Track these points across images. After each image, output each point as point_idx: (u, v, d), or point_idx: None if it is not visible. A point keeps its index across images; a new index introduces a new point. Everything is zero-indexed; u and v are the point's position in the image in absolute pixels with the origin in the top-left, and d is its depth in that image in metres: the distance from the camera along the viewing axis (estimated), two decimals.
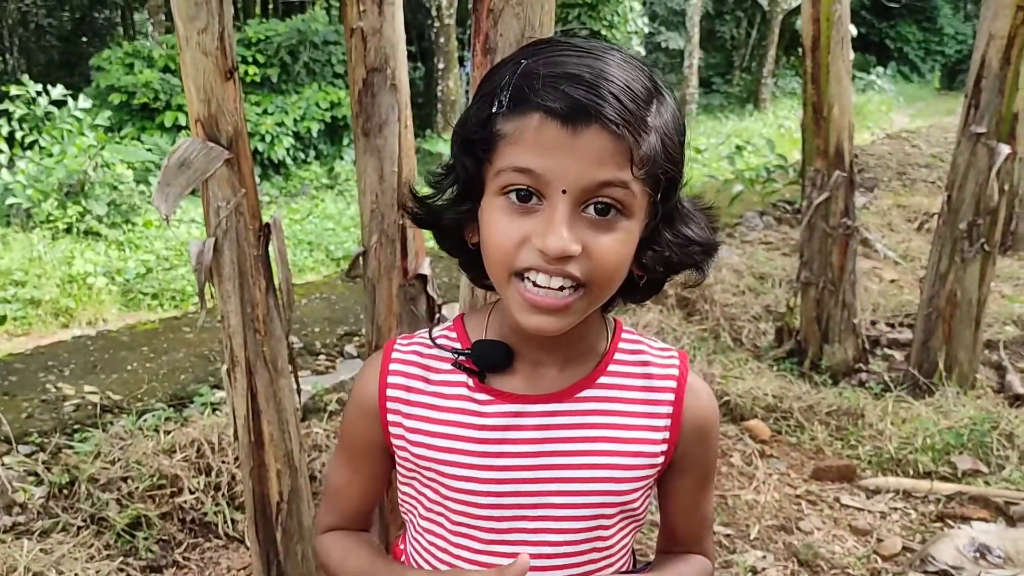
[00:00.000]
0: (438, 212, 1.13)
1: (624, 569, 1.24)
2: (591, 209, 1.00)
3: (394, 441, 1.19)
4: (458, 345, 1.19)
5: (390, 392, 1.19)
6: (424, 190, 1.17)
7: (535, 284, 1.01)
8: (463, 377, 1.17)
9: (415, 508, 1.23)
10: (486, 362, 1.16)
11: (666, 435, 1.18)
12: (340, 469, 1.29)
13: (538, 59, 1.01)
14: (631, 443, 1.16)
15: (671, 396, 1.19)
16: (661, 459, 1.18)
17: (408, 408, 1.18)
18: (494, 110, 1.01)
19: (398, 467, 1.23)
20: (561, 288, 1.01)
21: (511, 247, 1.01)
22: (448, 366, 1.18)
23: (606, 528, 1.17)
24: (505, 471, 1.14)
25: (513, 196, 1.01)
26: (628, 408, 1.17)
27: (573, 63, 0.99)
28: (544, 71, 0.99)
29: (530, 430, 1.14)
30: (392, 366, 1.20)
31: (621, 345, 1.20)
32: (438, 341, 1.20)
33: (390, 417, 1.18)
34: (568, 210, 0.99)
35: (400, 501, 1.27)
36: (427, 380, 1.18)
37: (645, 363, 1.20)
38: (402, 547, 1.31)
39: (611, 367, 1.18)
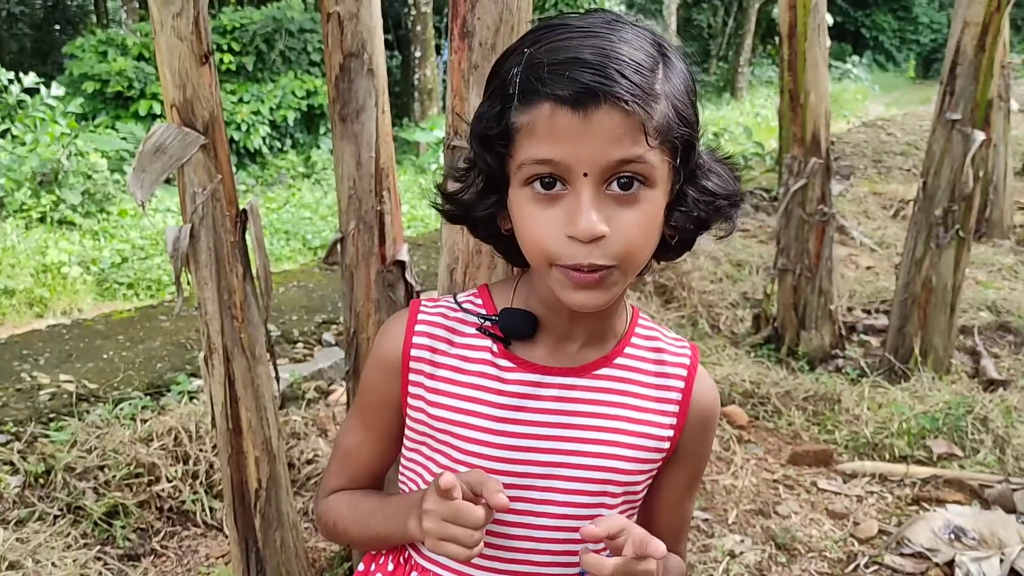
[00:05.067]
0: (468, 206, 1.15)
1: None
2: (615, 185, 1.01)
3: (411, 401, 1.20)
4: (483, 311, 1.21)
5: (415, 352, 1.19)
6: (450, 186, 1.19)
7: (571, 269, 1.02)
8: (487, 342, 1.19)
9: (420, 476, 1.23)
10: (512, 330, 1.18)
11: (673, 421, 1.21)
12: (353, 430, 1.30)
13: (540, 46, 1.02)
14: (641, 424, 1.19)
15: (681, 384, 1.22)
16: (667, 444, 1.20)
17: (431, 368, 1.19)
18: (507, 104, 1.02)
19: (407, 431, 1.24)
20: (595, 269, 1.02)
21: (543, 238, 1.03)
22: (472, 330, 1.20)
23: (609, 508, 1.19)
24: (519, 439, 1.15)
25: (537, 185, 1.03)
26: (641, 391, 1.20)
27: (575, 45, 1.00)
28: (548, 59, 0.99)
29: (547, 400, 1.16)
30: (419, 326, 1.21)
31: (637, 330, 1.23)
32: (464, 306, 1.22)
33: (412, 376, 1.19)
34: (592, 192, 1.00)
35: (401, 471, 1.28)
36: (451, 343, 1.20)
37: (659, 350, 1.23)
38: None
39: (628, 349, 1.21)
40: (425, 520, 1.05)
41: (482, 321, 1.19)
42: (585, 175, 0.99)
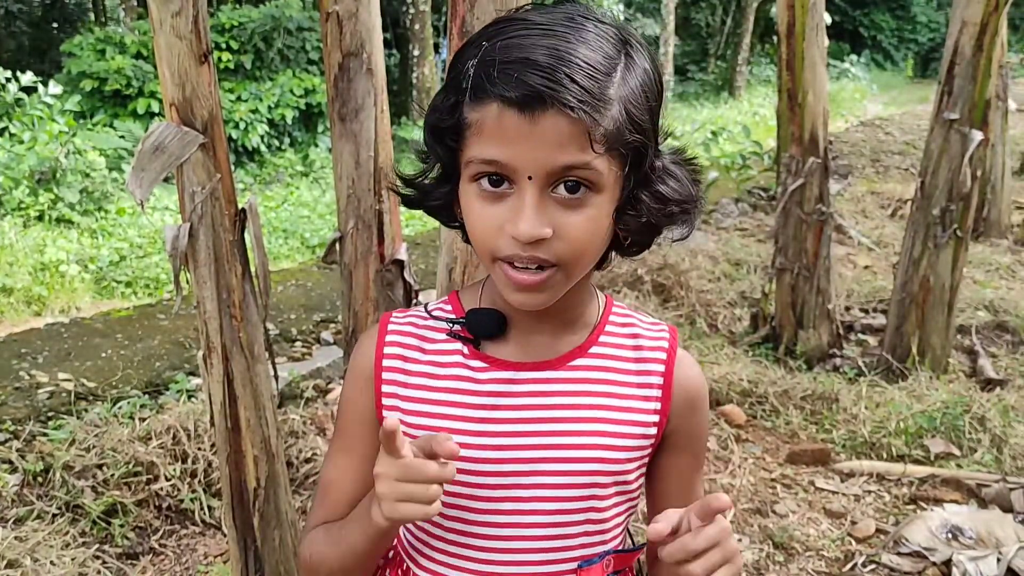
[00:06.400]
0: (425, 193, 1.16)
1: (619, 548, 1.24)
2: (561, 188, 1.01)
3: (387, 413, 1.18)
4: (453, 316, 1.21)
5: (386, 362, 1.20)
6: (410, 170, 1.19)
7: (513, 267, 1.03)
8: (458, 346, 1.18)
9: None
10: (480, 329, 1.18)
11: (657, 406, 1.19)
12: (334, 459, 1.26)
13: (496, 41, 1.00)
14: (623, 412, 1.18)
15: (661, 368, 1.20)
16: (654, 430, 1.19)
17: (405, 377, 1.18)
18: (460, 98, 1.02)
19: None
20: (539, 267, 1.03)
21: (488, 235, 1.04)
22: (443, 336, 1.20)
23: (600, 499, 1.18)
24: (500, 437, 1.15)
25: (485, 182, 1.03)
26: (620, 378, 1.19)
27: (530, 44, 0.98)
28: (500, 56, 0.98)
29: (524, 396, 1.16)
30: (389, 337, 1.21)
31: (612, 318, 1.22)
32: (433, 313, 1.22)
33: (385, 388, 1.19)
34: (536, 194, 1.00)
35: None
36: (423, 350, 1.20)
37: (636, 335, 1.22)
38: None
39: (602, 338, 1.20)
40: (378, 485, 1.02)
41: (450, 325, 1.20)
42: (530, 178, 0.99)
